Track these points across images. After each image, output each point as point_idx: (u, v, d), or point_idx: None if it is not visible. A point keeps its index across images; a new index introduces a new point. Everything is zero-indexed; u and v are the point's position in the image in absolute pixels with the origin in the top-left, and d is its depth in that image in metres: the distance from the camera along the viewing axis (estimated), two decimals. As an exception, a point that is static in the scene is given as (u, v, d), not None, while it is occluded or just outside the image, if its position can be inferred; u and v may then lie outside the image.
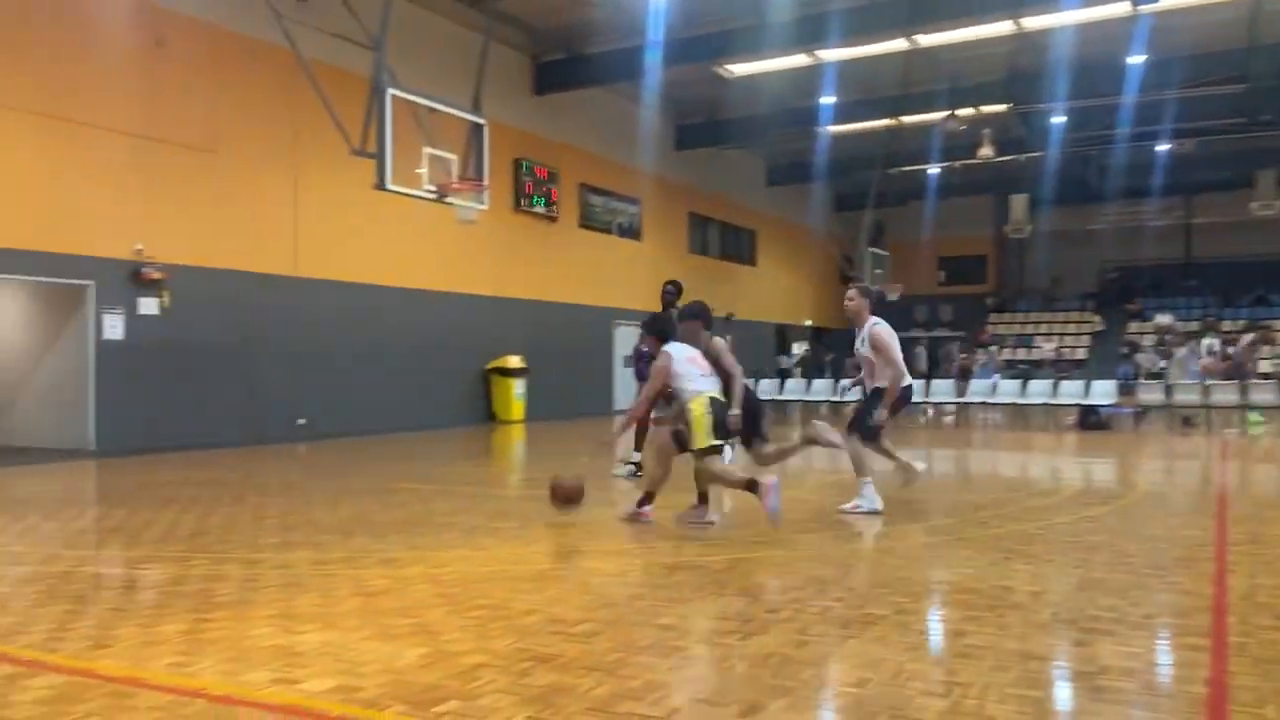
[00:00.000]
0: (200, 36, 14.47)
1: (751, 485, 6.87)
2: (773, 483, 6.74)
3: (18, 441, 13.74)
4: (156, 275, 13.80)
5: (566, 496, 7.67)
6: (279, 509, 8.39)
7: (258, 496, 9.25)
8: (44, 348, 13.96)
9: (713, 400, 7.12)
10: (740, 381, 7.43)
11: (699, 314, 7.79)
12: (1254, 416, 17.64)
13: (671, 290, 9.93)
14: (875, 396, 8.01)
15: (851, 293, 8.37)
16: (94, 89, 13.20)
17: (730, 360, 7.43)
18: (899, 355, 7.99)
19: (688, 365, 7.23)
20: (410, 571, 5.89)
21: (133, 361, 13.70)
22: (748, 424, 7.54)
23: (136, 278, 13.69)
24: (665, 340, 7.58)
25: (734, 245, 30.59)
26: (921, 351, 33.24)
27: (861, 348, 8.15)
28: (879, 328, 8.08)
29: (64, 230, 12.92)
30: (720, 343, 7.67)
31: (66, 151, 12.92)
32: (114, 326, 13.53)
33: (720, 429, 7.12)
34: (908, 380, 8.16)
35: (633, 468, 10.25)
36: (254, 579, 5.62)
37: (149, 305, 13.91)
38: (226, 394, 14.89)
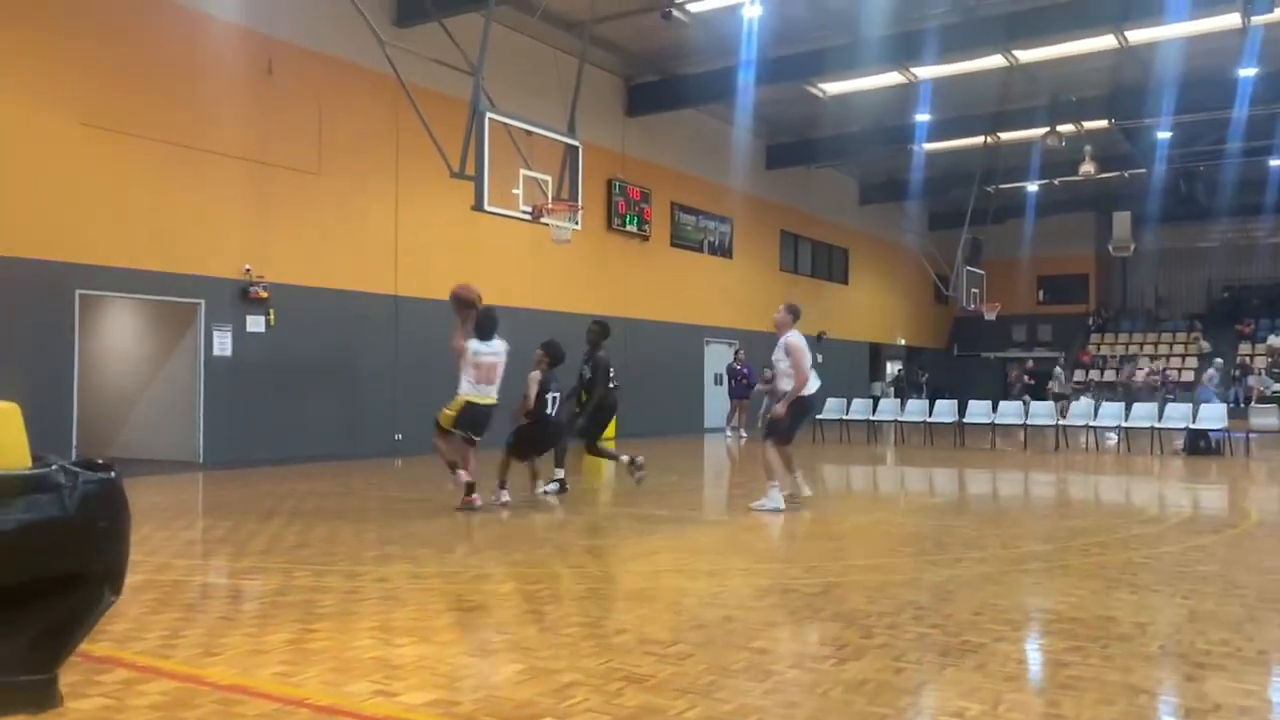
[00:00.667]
0: (307, 63, 14.97)
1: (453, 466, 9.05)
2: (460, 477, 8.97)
3: (131, 453, 14.31)
4: (263, 294, 14.28)
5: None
6: (377, 523, 8.59)
7: (357, 510, 9.48)
8: (158, 363, 14.55)
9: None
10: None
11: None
12: None
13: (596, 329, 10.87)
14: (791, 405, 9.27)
15: (781, 309, 9.57)
16: (208, 115, 13.76)
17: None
18: (806, 364, 9.21)
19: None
20: (505, 587, 5.98)
21: (239, 377, 14.19)
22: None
23: (244, 296, 14.19)
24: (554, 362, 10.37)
25: (826, 263, 30.35)
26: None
27: (775, 355, 9.36)
28: (793, 338, 9.23)
29: (178, 251, 13.47)
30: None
31: (182, 176, 13.48)
32: (223, 343, 14.04)
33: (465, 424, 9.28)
34: (810, 390, 9.32)
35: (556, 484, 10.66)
36: (355, 591, 5.76)
37: (256, 323, 14.39)
38: (326, 409, 15.31)
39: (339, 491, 11.06)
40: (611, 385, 11.25)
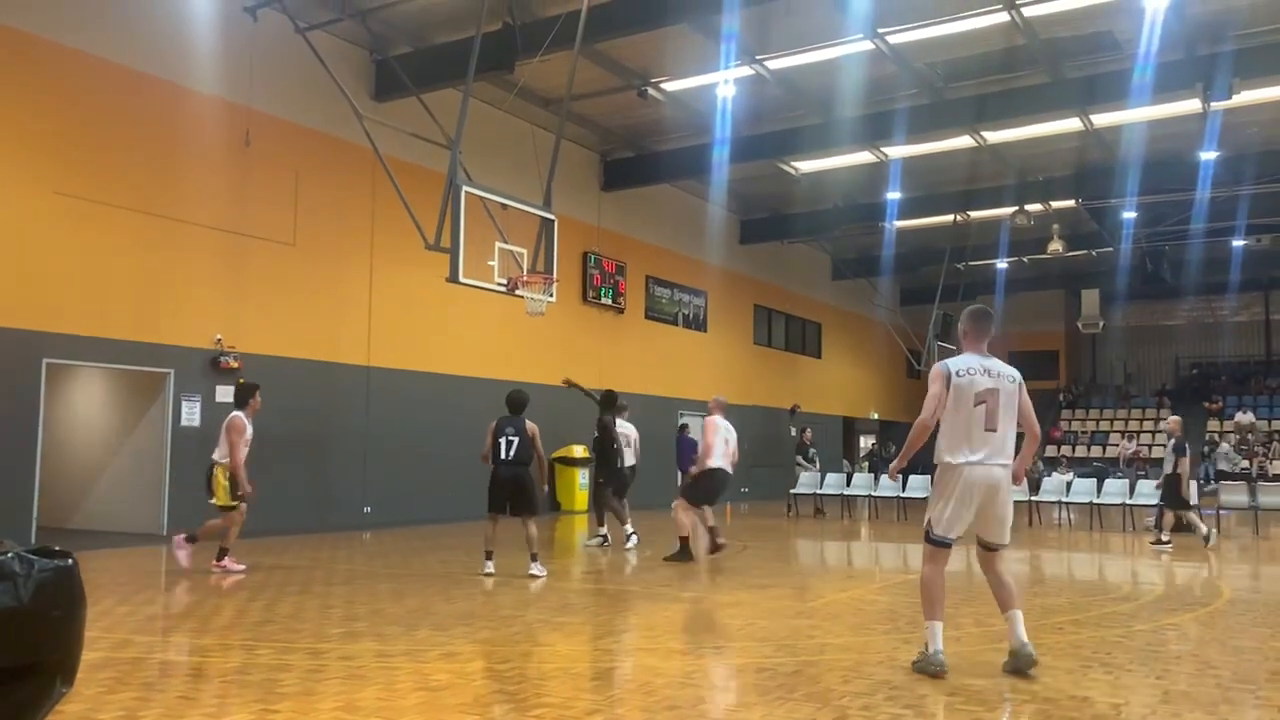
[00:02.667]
0: (284, 135, 15.08)
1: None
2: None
3: (95, 525, 14.04)
4: (234, 364, 14.17)
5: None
6: (344, 598, 8.43)
7: (324, 585, 9.31)
8: (124, 434, 14.35)
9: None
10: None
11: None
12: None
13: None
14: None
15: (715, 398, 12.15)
16: (183, 185, 13.79)
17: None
18: (712, 443, 11.40)
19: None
20: (473, 666, 5.85)
21: (207, 448, 13.95)
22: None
23: (215, 366, 14.08)
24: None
25: (799, 337, 30.56)
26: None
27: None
28: (711, 419, 11.57)
29: (148, 320, 13.38)
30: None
31: (155, 245, 13.45)
32: (191, 413, 13.88)
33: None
34: (713, 465, 11.42)
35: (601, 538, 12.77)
36: (319, 669, 5.62)
37: (226, 393, 14.21)
38: (296, 481, 15.11)
39: (306, 565, 10.87)
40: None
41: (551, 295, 13.55)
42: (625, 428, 13.84)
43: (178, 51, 13.75)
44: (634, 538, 12.98)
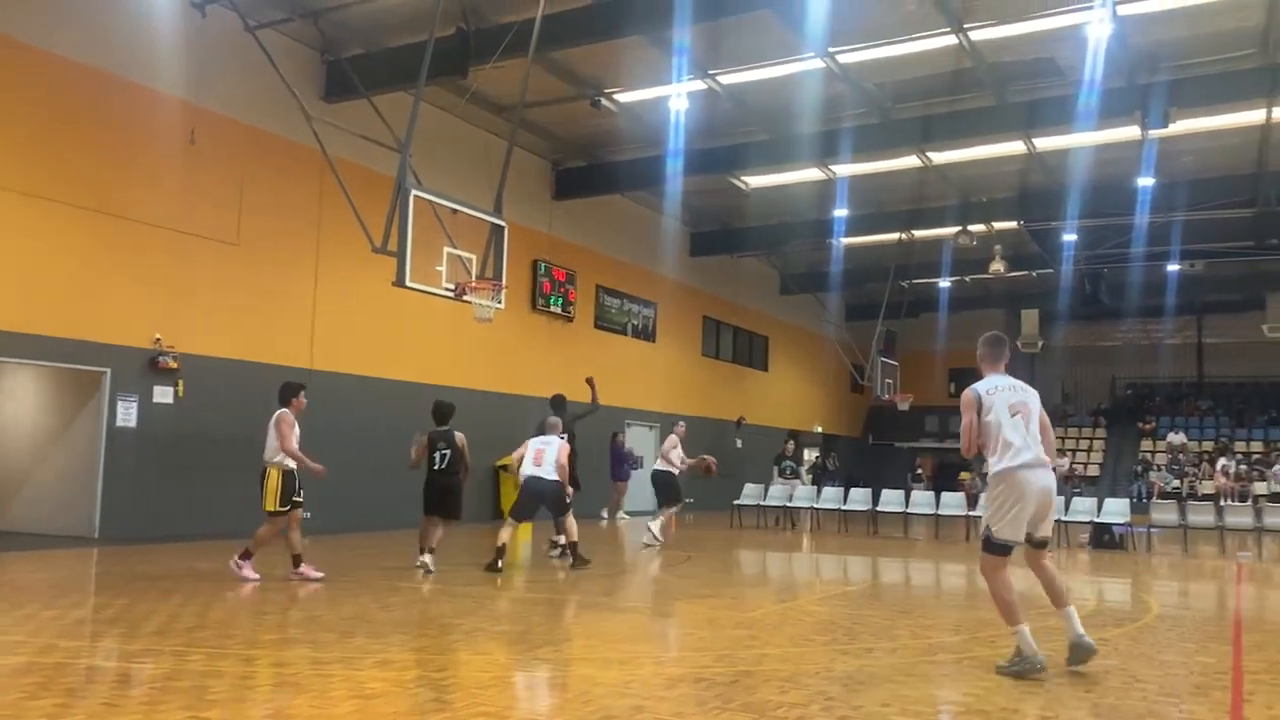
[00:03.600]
0: (231, 133, 14.87)
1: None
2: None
3: (22, 527, 13.69)
4: (173, 364, 13.93)
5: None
6: (279, 604, 8.31)
7: (259, 590, 9.16)
8: (57, 433, 14.02)
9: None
10: None
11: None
12: None
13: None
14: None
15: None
16: (125, 182, 13.54)
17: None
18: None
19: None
20: (409, 675, 5.80)
21: (143, 449, 13.74)
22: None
23: (153, 366, 13.81)
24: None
25: (747, 350, 30.75)
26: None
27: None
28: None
29: (85, 318, 13.11)
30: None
31: (94, 242, 13.18)
32: (127, 414, 13.61)
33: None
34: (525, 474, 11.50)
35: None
36: (250, 676, 5.54)
37: (164, 394, 14.00)
38: (234, 485, 14.83)
39: (242, 570, 10.67)
40: None
41: (500, 302, 13.49)
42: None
43: (122, 45, 13.51)
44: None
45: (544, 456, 11.55)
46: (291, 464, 9.71)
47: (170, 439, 14.03)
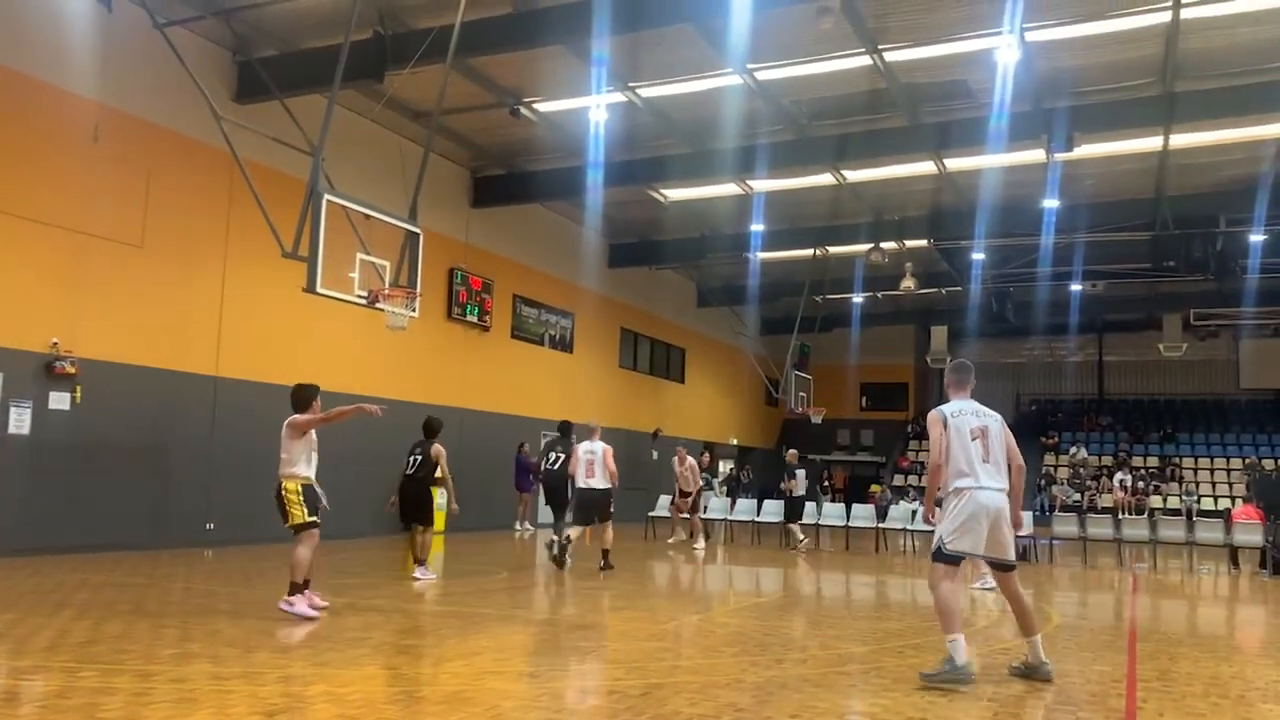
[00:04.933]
0: (137, 132, 14.42)
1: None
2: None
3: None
4: (70, 370, 13.41)
5: None
6: (179, 618, 8.04)
7: (158, 604, 8.87)
8: (-57, 439, 13.39)
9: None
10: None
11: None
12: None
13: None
14: None
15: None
16: (23, 180, 13.02)
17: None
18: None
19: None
20: (312, 690, 5.66)
21: (37, 457, 13.19)
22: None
23: (49, 371, 13.29)
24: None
25: (664, 362, 30.88)
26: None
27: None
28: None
29: (-24, 319, 12.56)
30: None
31: (-13, 240, 12.65)
32: (20, 421, 13.05)
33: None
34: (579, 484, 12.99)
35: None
36: (146, 693, 5.34)
37: (60, 400, 13.48)
38: (134, 494, 14.38)
39: (140, 583, 10.34)
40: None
41: (414, 310, 13.31)
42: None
43: (23, 39, 13.00)
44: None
45: (594, 467, 12.92)
46: (308, 474, 8.63)
47: (66, 447, 13.51)
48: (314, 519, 8.52)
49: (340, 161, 14.41)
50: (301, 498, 8.46)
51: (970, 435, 6.40)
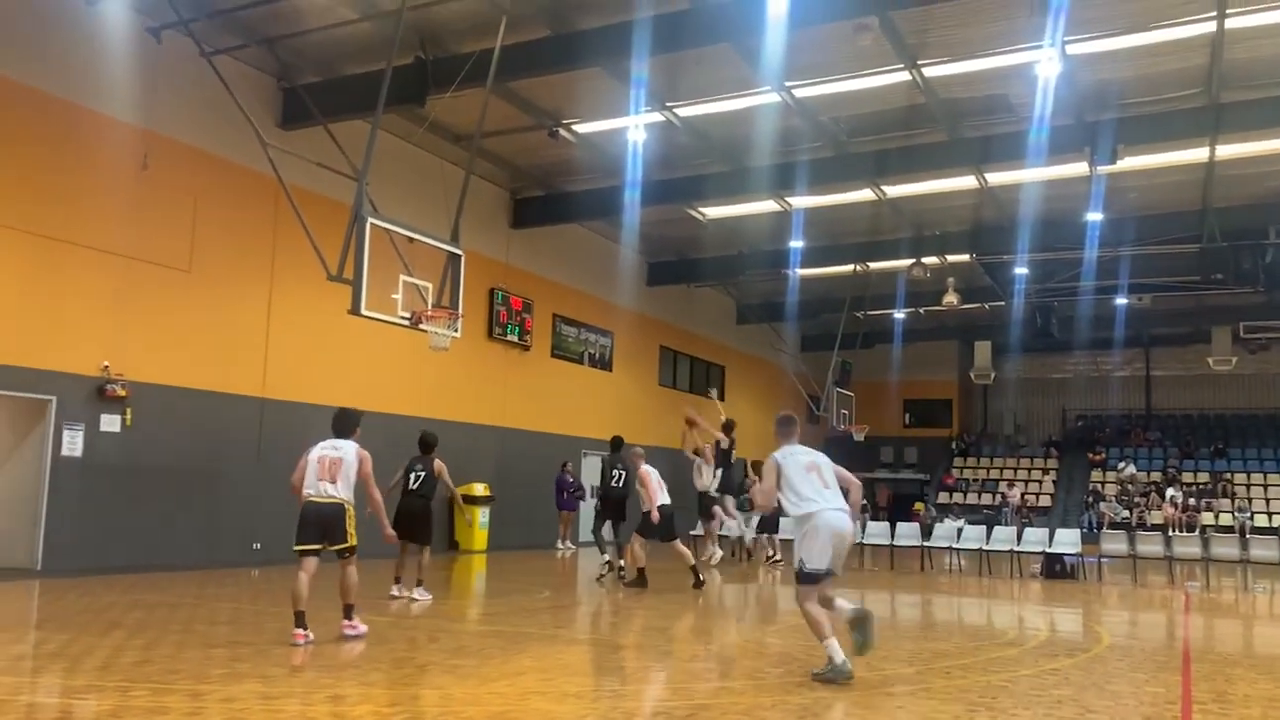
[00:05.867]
0: (185, 159, 14.70)
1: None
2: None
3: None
4: (121, 392, 13.67)
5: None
6: (228, 637, 8.14)
7: (207, 623, 8.98)
8: (-1, 462, 13.69)
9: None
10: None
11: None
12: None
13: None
14: None
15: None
16: (76, 207, 13.32)
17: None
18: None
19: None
20: (359, 710, 5.70)
21: (89, 479, 13.44)
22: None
23: (100, 394, 13.55)
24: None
25: (703, 380, 30.80)
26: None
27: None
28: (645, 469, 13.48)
29: (31, 344, 12.83)
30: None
31: (43, 267, 12.94)
32: (73, 443, 13.31)
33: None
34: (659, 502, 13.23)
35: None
36: (197, 713, 5.41)
37: (111, 422, 13.73)
38: (183, 515, 14.60)
39: (189, 603, 10.47)
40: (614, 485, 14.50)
41: (456, 330, 13.44)
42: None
43: (75, 70, 13.33)
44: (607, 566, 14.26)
45: (663, 486, 13.44)
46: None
47: (117, 469, 13.75)
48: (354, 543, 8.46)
49: (383, 185, 14.62)
50: (356, 521, 8.41)
51: (805, 469, 7.24)
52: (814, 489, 7.15)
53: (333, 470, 8.20)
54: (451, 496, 11.64)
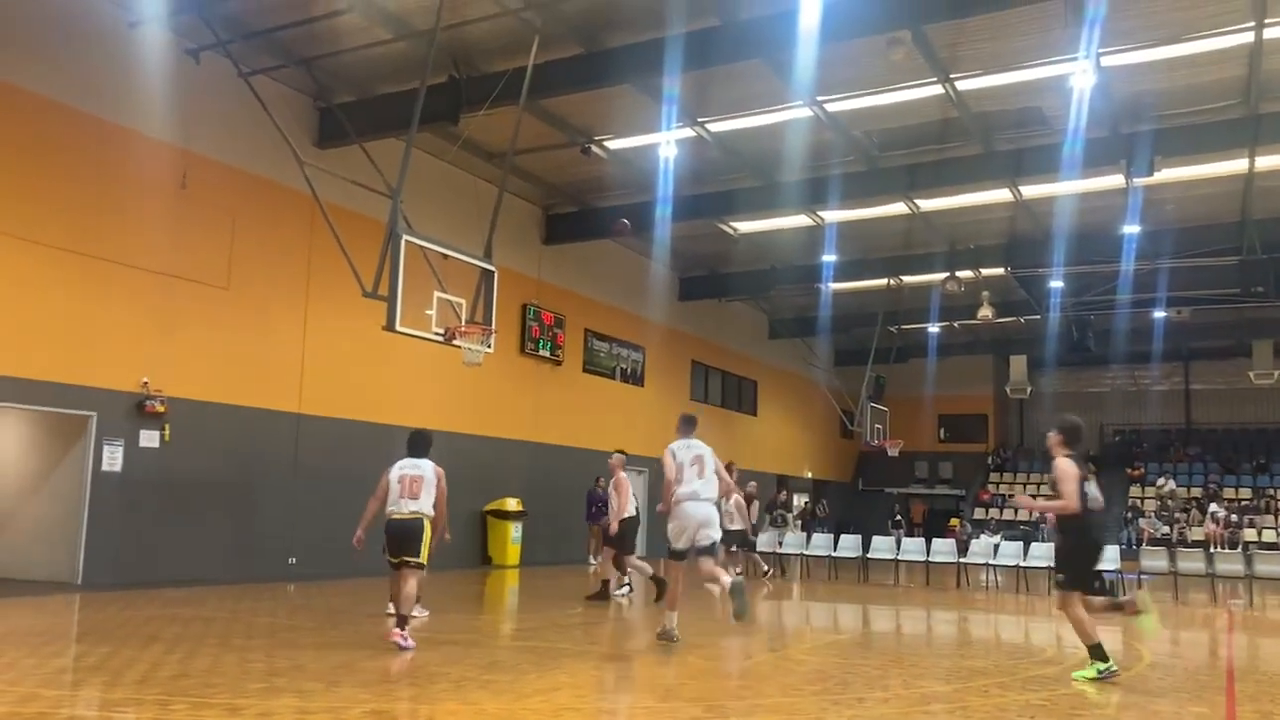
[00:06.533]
0: (223, 178, 14.92)
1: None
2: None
3: (3, 573, 13.51)
4: (160, 408, 13.85)
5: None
6: (264, 652, 8.20)
7: (244, 638, 9.05)
8: (41, 479, 13.89)
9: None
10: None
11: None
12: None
13: None
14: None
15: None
16: (116, 225, 13.54)
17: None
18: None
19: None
20: (395, 725, 5.71)
21: (128, 494, 13.62)
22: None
23: (140, 410, 13.74)
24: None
25: (735, 395, 30.77)
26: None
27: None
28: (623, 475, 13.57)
29: (72, 361, 13.04)
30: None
31: (83, 284, 13.15)
32: (113, 458, 13.50)
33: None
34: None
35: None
36: (234, 727, 5.44)
37: (150, 438, 13.91)
38: (220, 529, 14.75)
39: (225, 617, 10.56)
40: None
41: (489, 346, 13.51)
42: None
43: (116, 91, 13.58)
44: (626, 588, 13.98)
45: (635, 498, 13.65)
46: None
47: (156, 484, 13.93)
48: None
49: (417, 202, 14.74)
50: (431, 539, 9.13)
51: (690, 462, 9.10)
52: (692, 479, 8.96)
53: (414, 488, 9.02)
54: (438, 515, 10.38)
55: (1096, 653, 7.68)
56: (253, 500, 15.25)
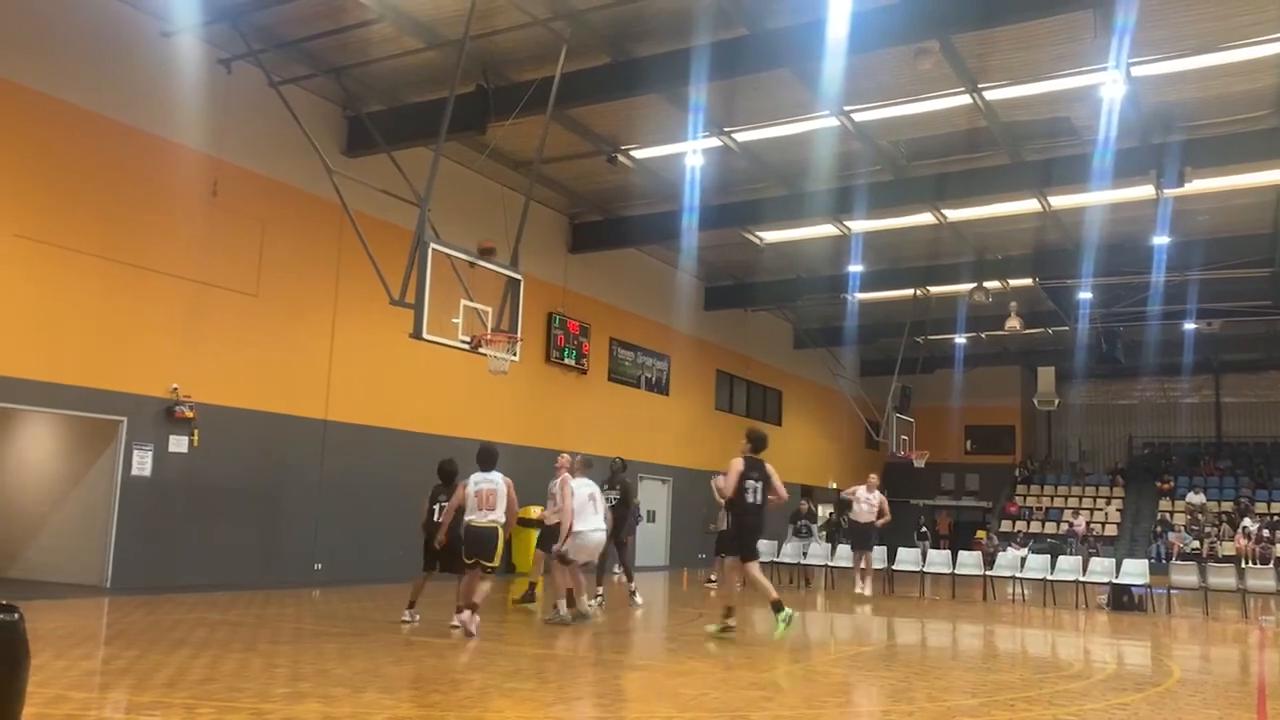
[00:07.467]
0: (253, 186, 15.07)
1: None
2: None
3: (34, 575, 13.69)
4: (189, 414, 13.98)
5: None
6: (290, 657, 8.25)
7: (270, 643, 9.11)
8: (71, 482, 14.06)
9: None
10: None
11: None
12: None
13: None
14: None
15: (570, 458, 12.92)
16: (147, 232, 13.71)
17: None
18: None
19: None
20: (419, 731, 5.73)
21: (157, 499, 13.76)
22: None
23: (169, 415, 13.88)
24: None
25: (760, 404, 30.69)
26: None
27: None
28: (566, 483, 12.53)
29: (103, 367, 13.20)
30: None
31: (114, 291, 13.31)
32: (142, 463, 13.64)
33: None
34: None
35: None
36: (260, 732, 5.48)
37: (179, 443, 14.05)
38: (246, 535, 14.86)
39: (252, 622, 10.63)
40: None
41: (515, 354, 13.54)
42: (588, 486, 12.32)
43: (149, 100, 13.76)
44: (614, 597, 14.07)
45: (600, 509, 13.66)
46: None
47: (184, 489, 14.06)
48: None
49: (445, 211, 14.83)
50: (504, 545, 10.14)
51: (587, 498, 11.37)
52: (589, 514, 11.11)
53: (490, 499, 9.99)
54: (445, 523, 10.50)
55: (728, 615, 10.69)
56: (279, 505, 15.36)
